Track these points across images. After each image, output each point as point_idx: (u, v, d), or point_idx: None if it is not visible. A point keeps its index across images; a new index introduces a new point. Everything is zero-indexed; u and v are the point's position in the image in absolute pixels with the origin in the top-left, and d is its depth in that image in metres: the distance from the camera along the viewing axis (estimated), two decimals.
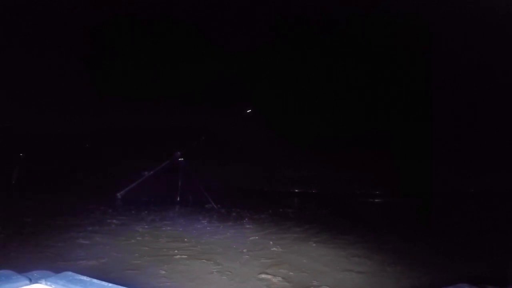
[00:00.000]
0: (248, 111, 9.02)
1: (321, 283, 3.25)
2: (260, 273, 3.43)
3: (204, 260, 3.75)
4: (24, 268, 1.20)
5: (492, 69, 10.93)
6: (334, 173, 11.54)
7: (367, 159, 11.80)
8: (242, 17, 12.17)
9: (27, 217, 5.19)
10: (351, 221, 6.68)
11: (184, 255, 3.91)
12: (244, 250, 4.21)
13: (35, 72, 11.66)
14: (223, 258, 3.84)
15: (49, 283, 1.06)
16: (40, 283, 1.07)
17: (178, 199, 7.60)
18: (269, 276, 3.36)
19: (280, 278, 3.32)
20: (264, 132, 11.89)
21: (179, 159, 7.85)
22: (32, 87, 11.78)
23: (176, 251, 4.05)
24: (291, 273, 3.49)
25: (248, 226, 5.69)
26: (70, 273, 1.13)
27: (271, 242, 4.63)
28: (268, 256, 4.04)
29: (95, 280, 1.08)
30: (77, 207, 6.26)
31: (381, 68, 12.92)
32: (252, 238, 4.87)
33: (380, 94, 13.34)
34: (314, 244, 4.66)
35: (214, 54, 12.66)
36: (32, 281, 1.07)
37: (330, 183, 11.30)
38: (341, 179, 11.40)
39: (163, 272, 3.37)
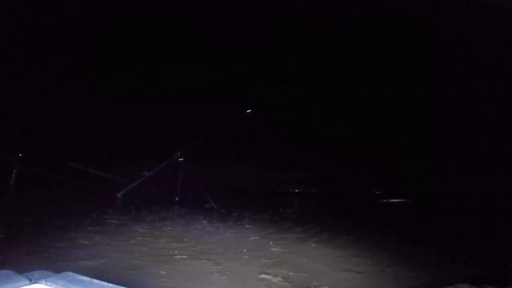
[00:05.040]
0: (248, 111, 9.01)
1: (321, 283, 3.25)
2: (260, 273, 3.43)
3: (204, 260, 3.75)
4: (24, 268, 1.20)
5: (492, 69, 10.93)
6: (334, 173, 11.54)
7: (368, 159, 11.80)
8: (242, 17, 12.17)
9: (27, 217, 5.18)
10: (351, 221, 6.68)
11: (184, 255, 3.91)
12: (244, 250, 4.21)
13: (33, 73, 11.67)
14: (223, 258, 3.84)
15: (49, 283, 1.06)
16: (40, 283, 1.07)
17: (178, 199, 7.59)
18: (269, 276, 3.36)
19: (280, 278, 3.32)
20: (264, 132, 11.89)
21: (179, 159, 7.84)
22: (31, 87, 11.78)
23: (176, 251, 4.05)
24: (291, 273, 3.49)
25: (248, 226, 5.68)
26: (70, 273, 1.13)
27: (271, 242, 4.63)
28: (268, 256, 4.04)
29: (95, 280, 1.09)
30: (77, 207, 6.26)
31: (382, 68, 12.93)
32: (252, 238, 4.87)
33: (381, 94, 13.34)
34: (314, 244, 4.66)
35: (214, 54, 12.66)
36: (32, 281, 1.07)
37: (330, 183, 11.31)
38: (341, 179, 11.40)
39: (163, 272, 3.37)
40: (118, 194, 7.33)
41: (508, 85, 10.65)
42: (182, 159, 7.84)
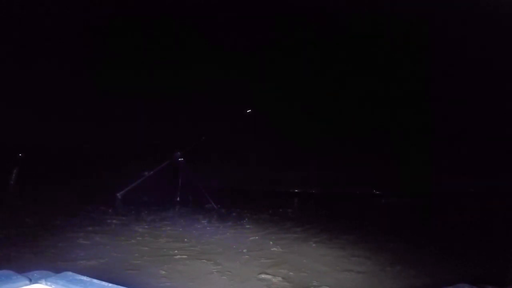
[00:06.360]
0: (248, 111, 9.00)
1: (321, 283, 3.25)
2: (260, 273, 3.43)
3: (204, 260, 3.75)
4: (24, 268, 1.20)
5: (492, 68, 10.93)
6: (334, 173, 11.53)
7: (367, 159, 11.80)
8: (242, 17, 12.17)
9: (27, 217, 5.18)
10: (351, 221, 6.68)
11: (184, 255, 3.91)
12: (244, 250, 4.21)
13: (33, 73, 11.68)
14: (223, 258, 3.84)
15: (49, 283, 1.06)
16: (40, 283, 1.07)
17: (178, 199, 7.59)
18: (269, 276, 3.36)
19: (280, 278, 3.32)
20: (264, 132, 11.88)
21: (179, 159, 7.83)
22: (29, 88, 11.79)
23: (176, 251, 4.05)
24: (291, 273, 3.49)
25: (248, 226, 5.68)
26: (70, 273, 1.13)
27: (271, 242, 4.63)
28: (268, 256, 4.04)
29: (95, 280, 1.09)
30: (77, 207, 6.25)
31: (382, 67, 12.92)
32: (252, 238, 4.87)
33: (380, 93, 13.34)
34: (314, 244, 4.65)
35: (214, 54, 12.66)
36: (32, 281, 1.07)
37: (330, 183, 11.29)
38: (341, 179, 11.39)
39: (163, 272, 3.37)
40: (118, 194, 7.33)
41: (508, 85, 10.65)
42: (182, 159, 7.83)
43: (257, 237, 4.91)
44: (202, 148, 8.23)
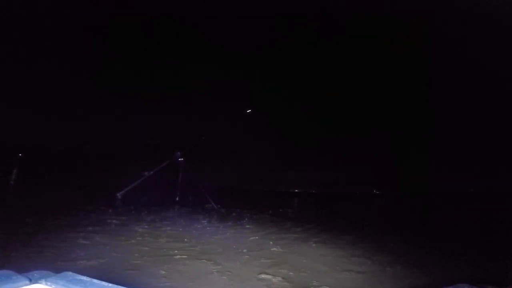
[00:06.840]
0: (248, 111, 9.00)
1: (321, 283, 3.25)
2: (260, 273, 3.43)
3: (204, 260, 3.75)
4: (24, 268, 1.20)
5: (493, 68, 10.93)
6: (334, 173, 11.53)
7: (367, 159, 11.80)
8: (242, 17, 12.17)
9: (27, 217, 5.18)
10: (351, 221, 6.68)
11: (184, 255, 3.92)
12: (244, 250, 4.21)
13: (33, 73, 11.68)
14: (223, 258, 3.84)
15: (49, 283, 1.06)
16: (40, 283, 1.07)
17: (178, 199, 7.59)
18: (269, 276, 3.36)
19: (280, 278, 3.32)
20: (264, 133, 11.89)
21: (179, 159, 7.83)
22: (29, 88, 11.78)
23: (176, 251, 4.05)
24: (291, 273, 3.49)
25: (248, 226, 5.68)
26: (70, 273, 1.13)
27: (271, 242, 4.63)
28: (268, 256, 4.04)
29: (95, 280, 1.09)
30: (76, 207, 6.25)
31: (382, 67, 12.92)
32: (252, 238, 4.87)
33: (380, 93, 13.34)
34: (314, 244, 4.66)
35: (214, 54, 12.66)
36: (32, 281, 1.07)
37: (330, 183, 11.30)
38: (341, 179, 11.39)
39: (163, 272, 3.37)
40: (118, 194, 7.33)
41: (508, 85, 10.64)
42: (182, 159, 7.83)
43: (257, 237, 4.91)
44: (202, 148, 8.22)
